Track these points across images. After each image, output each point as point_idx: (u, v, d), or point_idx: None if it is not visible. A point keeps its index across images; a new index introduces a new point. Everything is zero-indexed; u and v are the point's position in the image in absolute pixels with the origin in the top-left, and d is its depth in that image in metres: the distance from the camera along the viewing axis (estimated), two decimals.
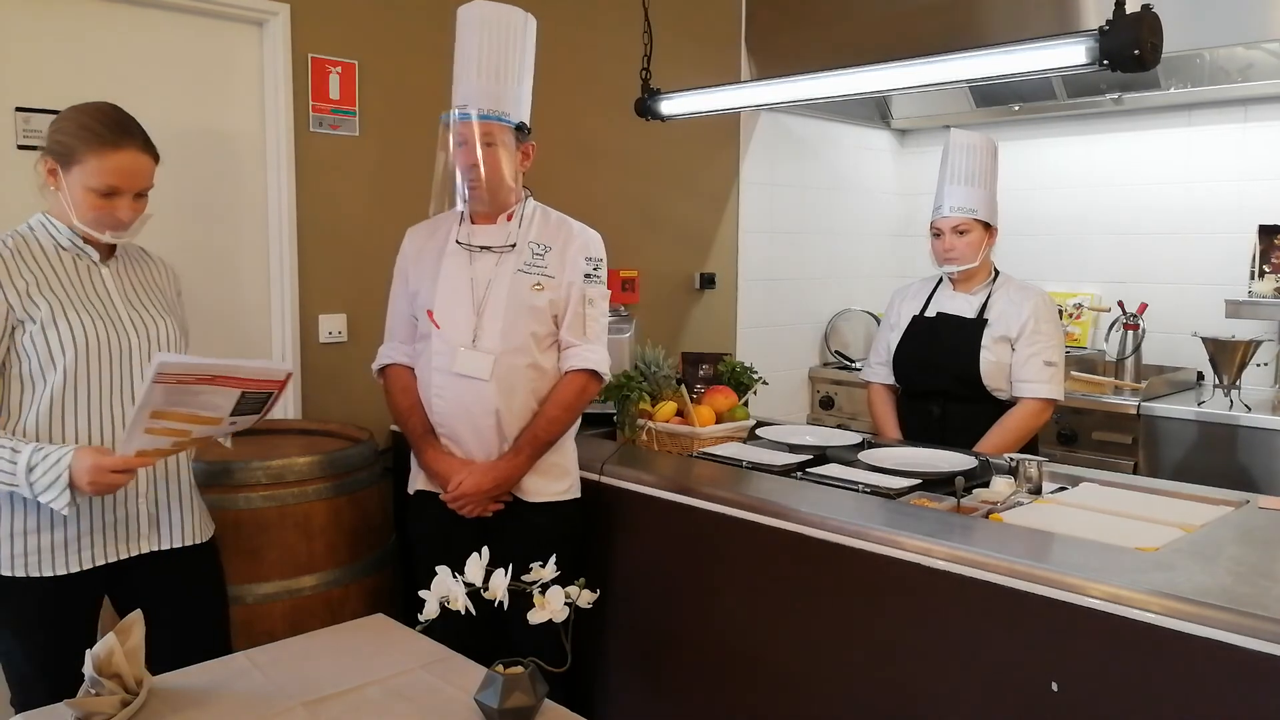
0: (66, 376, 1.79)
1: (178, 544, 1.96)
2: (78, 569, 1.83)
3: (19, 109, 2.47)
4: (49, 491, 1.69)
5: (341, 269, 3.03)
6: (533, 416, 2.25)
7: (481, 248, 2.26)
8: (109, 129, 1.81)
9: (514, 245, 2.26)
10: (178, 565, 1.96)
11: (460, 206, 2.26)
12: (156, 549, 1.93)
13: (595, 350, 2.28)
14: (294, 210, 2.92)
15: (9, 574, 1.80)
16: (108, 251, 1.92)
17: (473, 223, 2.29)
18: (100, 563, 1.85)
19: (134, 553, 1.90)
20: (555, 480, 2.32)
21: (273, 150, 2.89)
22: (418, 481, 2.35)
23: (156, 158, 1.89)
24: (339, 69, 2.98)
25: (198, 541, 2.00)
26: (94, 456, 1.69)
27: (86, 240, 1.87)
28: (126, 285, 1.93)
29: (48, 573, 1.81)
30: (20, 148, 2.47)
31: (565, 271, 2.26)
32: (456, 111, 2.19)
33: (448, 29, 2.24)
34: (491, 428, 2.23)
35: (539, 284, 2.24)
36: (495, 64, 2.19)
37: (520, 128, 2.23)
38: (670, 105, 3.12)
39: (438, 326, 2.23)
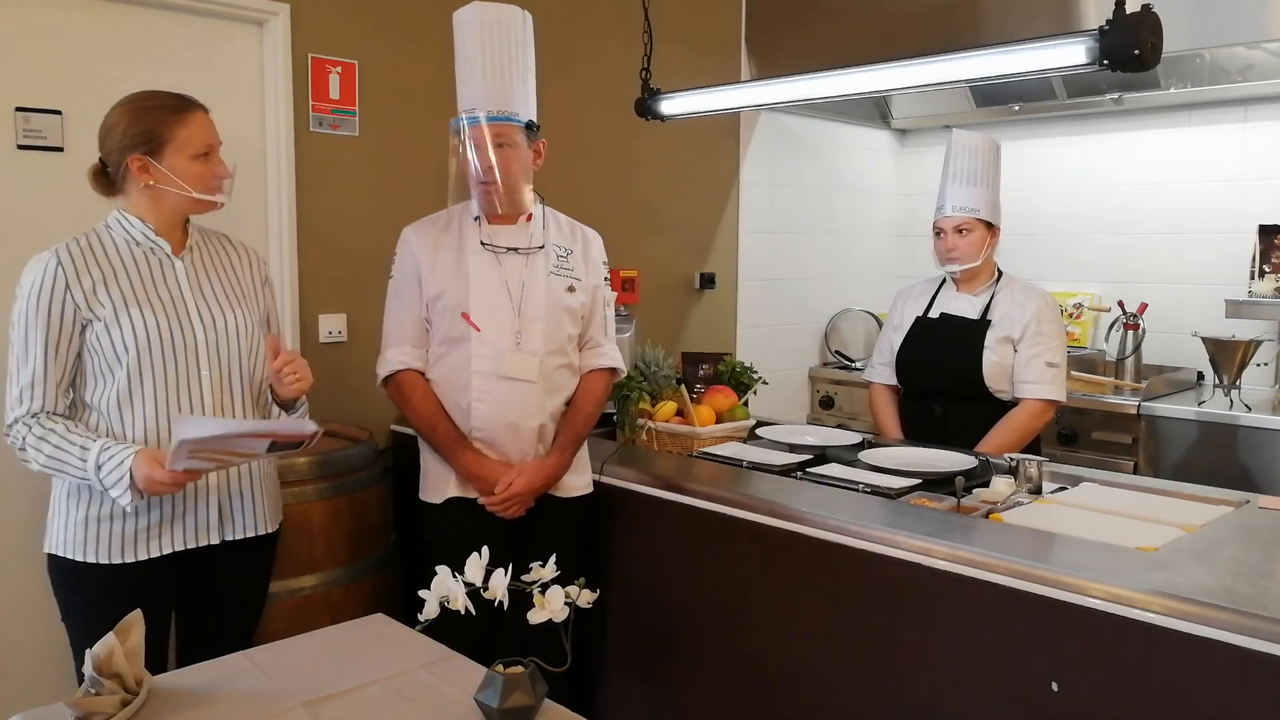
0: (130, 371, 1.85)
1: (241, 535, 2.00)
2: (145, 557, 1.89)
3: (19, 109, 2.47)
4: (115, 488, 1.78)
5: (341, 269, 3.03)
6: (569, 414, 2.30)
7: (508, 249, 2.26)
8: (179, 99, 1.89)
9: (542, 247, 2.28)
10: (240, 558, 2.02)
11: (475, 210, 2.27)
12: (222, 540, 1.97)
13: (615, 348, 2.40)
14: (294, 210, 2.92)
15: (83, 559, 1.87)
16: (180, 244, 1.96)
17: (490, 223, 2.27)
18: (169, 550, 1.91)
19: (201, 543, 1.95)
20: (580, 474, 2.38)
21: (273, 150, 2.89)
22: (449, 489, 2.27)
23: None
24: (339, 69, 2.98)
25: (262, 533, 2.04)
26: (148, 466, 1.76)
27: (159, 233, 1.92)
28: (201, 277, 1.97)
29: (118, 560, 1.87)
30: (20, 148, 2.47)
31: (589, 274, 2.34)
32: (465, 116, 2.19)
33: (447, 29, 2.24)
34: (533, 429, 2.24)
35: (571, 286, 2.29)
36: (499, 64, 2.18)
37: (530, 126, 2.22)
38: (670, 105, 3.12)
39: (478, 329, 2.20)
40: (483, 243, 2.25)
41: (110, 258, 1.88)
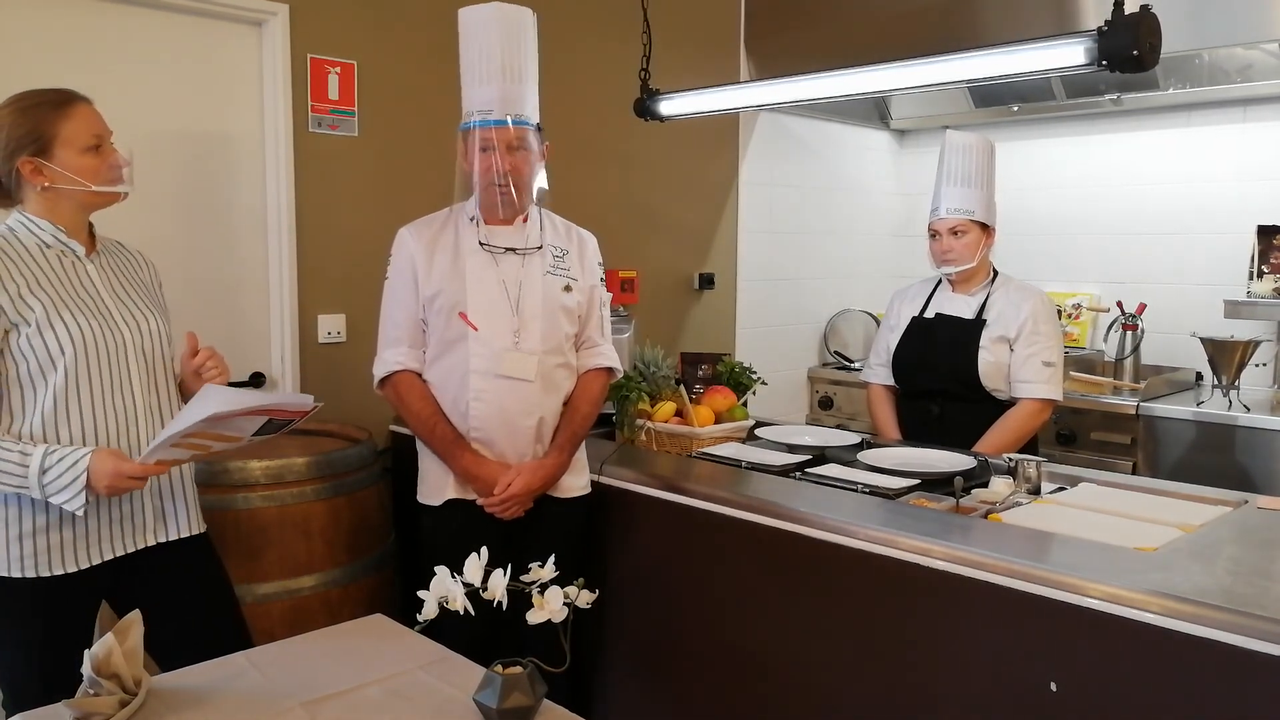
0: (68, 376, 1.78)
1: (181, 534, 1.96)
2: (86, 565, 1.83)
3: None
4: (64, 493, 1.71)
5: (340, 269, 3.03)
6: (568, 414, 2.30)
7: (506, 249, 2.26)
8: (58, 94, 1.82)
9: (539, 247, 2.28)
10: (181, 558, 1.96)
11: (472, 210, 2.27)
12: (162, 540, 1.93)
13: (612, 348, 2.39)
14: (293, 211, 2.92)
15: (17, 575, 1.79)
16: (90, 246, 1.90)
17: (487, 224, 2.27)
18: (107, 557, 1.85)
19: (139, 546, 1.90)
20: (579, 475, 2.38)
21: (271, 151, 2.89)
22: (447, 490, 2.26)
23: None
24: (338, 69, 2.98)
25: (197, 532, 2.01)
26: (114, 462, 1.72)
27: (71, 235, 1.85)
28: (112, 280, 1.92)
29: (57, 571, 1.80)
30: None
31: (585, 275, 2.33)
32: (479, 118, 2.17)
33: (447, 29, 2.24)
34: (530, 428, 2.24)
35: (568, 286, 2.29)
36: (515, 66, 2.17)
37: (538, 128, 2.23)
38: (669, 105, 3.12)
39: (475, 329, 2.20)
40: (480, 243, 2.25)
41: (28, 260, 1.79)
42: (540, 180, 2.25)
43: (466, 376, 2.21)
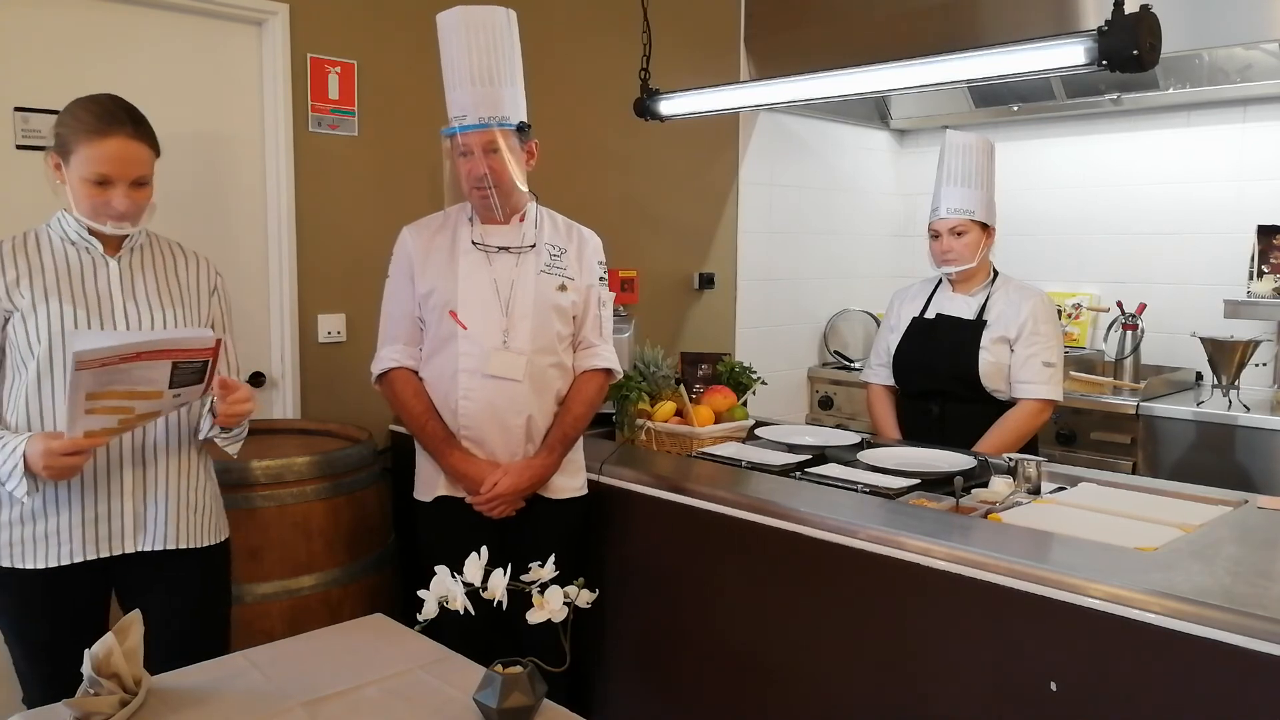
0: (41, 364, 1.79)
1: (159, 546, 1.90)
2: (56, 564, 1.82)
3: (18, 109, 2.47)
4: (10, 480, 1.72)
5: (340, 269, 3.03)
6: (559, 415, 2.29)
7: (500, 248, 2.26)
8: (97, 118, 1.81)
9: (533, 246, 2.27)
10: (168, 569, 1.92)
11: (469, 213, 2.28)
12: (143, 549, 1.89)
13: (610, 349, 2.37)
14: (293, 210, 2.92)
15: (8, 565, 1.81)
16: (115, 245, 1.90)
17: (483, 223, 2.28)
18: (79, 559, 1.83)
19: (116, 552, 1.87)
20: (573, 476, 2.37)
21: (272, 150, 2.89)
22: (438, 487, 2.29)
23: (154, 147, 1.87)
24: (338, 69, 2.98)
25: (188, 546, 1.94)
26: (44, 441, 1.69)
27: (92, 233, 1.86)
28: (137, 279, 1.91)
29: (29, 565, 1.81)
30: (19, 148, 2.48)
31: (583, 274, 2.33)
32: (455, 124, 2.19)
33: None
34: (520, 427, 2.24)
35: (562, 285, 2.28)
36: (486, 69, 2.17)
37: (521, 127, 2.23)
38: (669, 105, 3.12)
39: (464, 327, 2.21)
40: (474, 242, 2.26)
41: (42, 253, 1.84)
42: (520, 180, 2.24)
43: (456, 375, 2.22)
